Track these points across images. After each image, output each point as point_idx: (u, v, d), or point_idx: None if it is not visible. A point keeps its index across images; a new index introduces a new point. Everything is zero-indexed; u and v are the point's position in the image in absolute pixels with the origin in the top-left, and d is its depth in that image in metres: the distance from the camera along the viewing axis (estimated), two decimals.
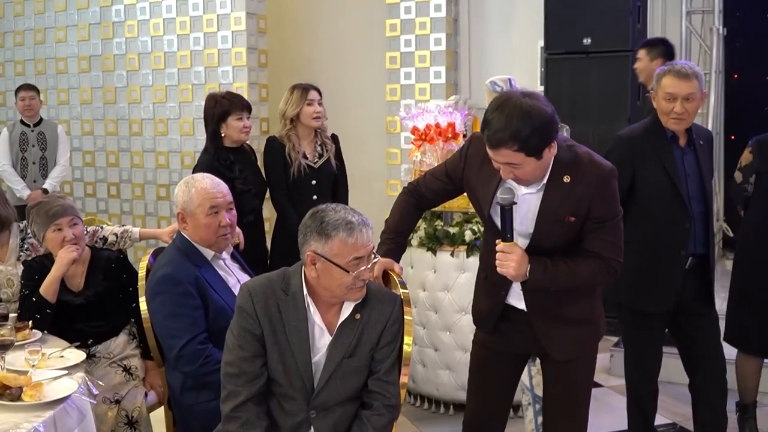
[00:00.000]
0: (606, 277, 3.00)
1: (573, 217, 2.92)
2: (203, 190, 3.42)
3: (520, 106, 2.72)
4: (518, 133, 2.70)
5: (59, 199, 3.95)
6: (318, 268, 2.76)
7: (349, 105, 7.91)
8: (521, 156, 2.75)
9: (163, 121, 8.11)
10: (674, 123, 3.74)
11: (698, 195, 3.83)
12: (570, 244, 2.97)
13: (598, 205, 2.92)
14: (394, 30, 7.69)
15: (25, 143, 7.24)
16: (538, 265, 2.90)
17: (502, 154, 2.77)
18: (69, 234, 3.78)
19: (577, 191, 2.90)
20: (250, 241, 4.52)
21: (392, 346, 2.90)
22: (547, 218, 2.93)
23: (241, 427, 2.77)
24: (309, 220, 2.80)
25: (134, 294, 3.88)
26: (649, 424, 4.12)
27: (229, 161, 4.73)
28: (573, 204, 2.90)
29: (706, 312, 3.93)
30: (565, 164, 2.91)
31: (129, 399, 3.66)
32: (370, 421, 2.85)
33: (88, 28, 8.45)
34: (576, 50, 6.51)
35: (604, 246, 2.95)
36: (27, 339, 3.37)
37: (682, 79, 3.69)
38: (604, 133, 6.21)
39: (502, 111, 2.73)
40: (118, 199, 8.54)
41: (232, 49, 7.67)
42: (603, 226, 2.94)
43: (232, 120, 4.74)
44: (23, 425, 2.57)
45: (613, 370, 5.63)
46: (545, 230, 2.95)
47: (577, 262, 2.94)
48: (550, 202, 2.92)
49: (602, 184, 2.92)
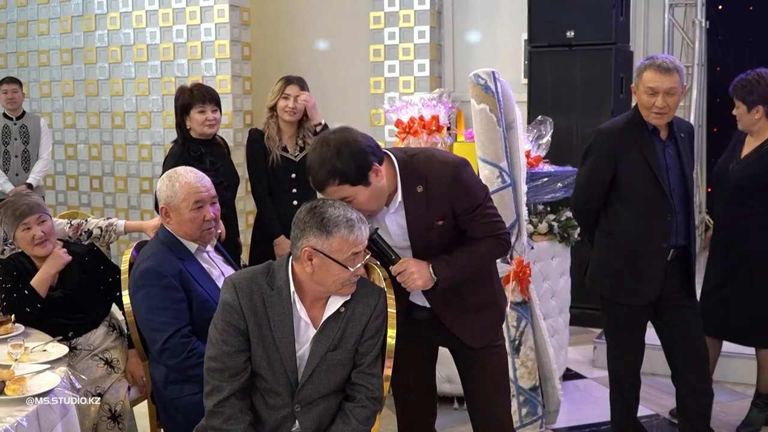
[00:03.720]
0: (502, 249, 3.12)
1: (441, 220, 3.00)
2: (187, 184, 3.40)
3: (328, 145, 2.82)
4: (333, 169, 2.80)
5: (25, 197, 3.93)
6: (314, 264, 2.75)
7: (333, 98, 7.90)
8: (348, 188, 2.83)
9: (146, 114, 8.08)
10: (655, 117, 3.76)
11: (680, 187, 3.84)
12: (453, 242, 3.05)
13: (460, 201, 2.99)
14: (378, 23, 7.69)
15: (8, 136, 7.21)
16: (440, 263, 2.98)
17: (329, 192, 2.85)
18: (38, 232, 3.76)
19: (434, 196, 2.97)
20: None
21: (376, 339, 2.91)
22: (418, 230, 3.01)
23: (224, 422, 2.77)
24: (307, 216, 2.76)
25: (113, 285, 3.90)
26: (632, 415, 4.14)
27: (200, 153, 4.69)
28: (436, 209, 2.98)
29: (687, 303, 3.95)
30: (412, 175, 2.98)
31: (112, 393, 3.65)
32: (353, 413, 2.86)
33: (70, 21, 8.41)
34: (559, 43, 6.51)
35: (486, 228, 3.05)
36: (9, 333, 3.36)
37: (663, 73, 3.70)
38: (587, 125, 6.22)
39: (315, 153, 2.84)
40: (100, 192, 8.51)
41: (215, 41, 7.65)
42: (475, 214, 3.02)
43: (194, 113, 4.69)
44: (6, 419, 2.56)
45: (596, 361, 5.66)
46: (421, 241, 3.02)
47: (472, 246, 3.04)
48: (413, 214, 3.00)
49: (454, 181, 2.98)
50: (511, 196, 4.35)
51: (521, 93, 6.68)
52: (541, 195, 4.87)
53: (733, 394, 5.12)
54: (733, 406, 4.91)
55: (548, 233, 4.92)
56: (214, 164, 4.71)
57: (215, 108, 4.75)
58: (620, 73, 6.44)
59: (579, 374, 5.59)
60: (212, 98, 4.76)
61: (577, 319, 6.07)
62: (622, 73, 6.48)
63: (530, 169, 4.76)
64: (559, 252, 5.04)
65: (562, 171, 5.00)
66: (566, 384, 5.27)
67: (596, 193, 3.91)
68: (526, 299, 4.50)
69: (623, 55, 6.55)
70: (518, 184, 4.41)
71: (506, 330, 4.47)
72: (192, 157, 4.64)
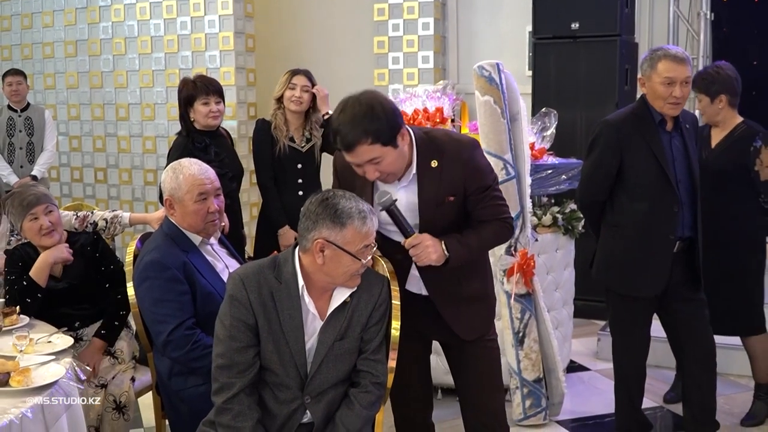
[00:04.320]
0: (507, 232, 3.16)
1: (452, 196, 3.02)
2: (191, 176, 3.40)
3: (360, 103, 2.82)
4: (367, 126, 2.80)
5: (32, 187, 3.94)
6: (326, 256, 2.74)
7: (337, 90, 7.77)
8: (378, 148, 2.84)
9: (150, 106, 8.08)
10: (671, 108, 3.75)
11: (686, 179, 3.84)
12: (458, 222, 3.08)
13: (472, 179, 3.03)
14: (381, 14, 7.68)
15: (12, 128, 7.21)
16: (452, 240, 3.00)
17: (359, 152, 2.85)
18: (45, 222, 3.76)
19: (448, 172, 3.00)
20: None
21: (379, 326, 2.93)
22: (429, 205, 3.03)
23: (233, 419, 2.76)
24: (319, 208, 2.75)
25: (109, 274, 3.92)
26: (637, 407, 4.14)
27: (204, 144, 4.71)
28: (448, 185, 3.01)
29: (693, 295, 3.95)
30: (428, 150, 3.00)
31: (116, 383, 3.66)
32: (358, 398, 2.87)
33: (74, 13, 8.39)
34: (564, 35, 6.50)
35: (494, 211, 3.08)
36: (14, 324, 3.37)
37: (679, 63, 3.71)
38: (592, 117, 6.23)
39: (346, 114, 2.83)
40: (105, 184, 8.51)
41: (219, 33, 7.64)
42: (484, 195, 3.06)
43: (197, 105, 4.70)
44: (11, 411, 2.57)
45: (600, 353, 5.66)
46: (430, 216, 3.04)
47: (480, 227, 3.07)
48: (426, 189, 3.02)
49: (469, 159, 3.03)
50: (515, 188, 4.35)
51: (525, 85, 6.66)
52: (545, 187, 4.86)
53: (737, 387, 5.11)
54: (737, 399, 4.90)
55: (552, 225, 4.92)
56: (218, 155, 4.72)
57: (219, 99, 4.77)
58: (625, 65, 6.43)
59: (583, 366, 5.59)
60: (216, 90, 4.78)
61: (581, 311, 6.07)
62: (627, 65, 6.46)
63: (534, 161, 4.76)
64: (563, 244, 5.03)
65: (567, 163, 4.99)
66: (570, 376, 5.27)
67: (602, 185, 3.91)
68: (530, 291, 4.50)
69: (628, 46, 6.54)
70: (522, 176, 4.41)
71: (510, 322, 4.48)
72: (196, 148, 4.65)
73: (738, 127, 4.40)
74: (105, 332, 3.81)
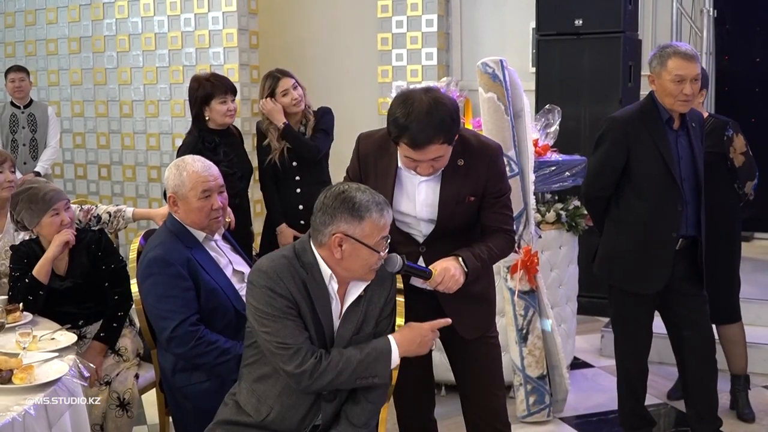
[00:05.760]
0: (511, 247, 3.22)
1: (473, 197, 3.07)
2: (195, 173, 3.40)
3: (434, 103, 2.83)
4: (442, 125, 2.82)
5: (46, 183, 3.93)
6: (344, 250, 2.73)
7: (341, 86, 7.89)
8: (445, 147, 2.89)
9: (154, 103, 8.08)
10: (681, 105, 3.75)
11: (691, 177, 3.84)
12: (471, 223, 3.13)
13: (493, 181, 3.08)
14: (385, 11, 7.68)
15: (15, 125, 7.22)
16: (468, 258, 3.02)
17: (429, 151, 2.87)
18: (66, 217, 3.77)
19: (473, 172, 3.04)
20: (236, 224, 4.51)
21: (389, 319, 2.96)
22: (450, 202, 3.05)
23: (318, 361, 2.71)
24: (336, 202, 2.71)
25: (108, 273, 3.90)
26: (640, 404, 4.15)
27: (214, 143, 4.69)
28: (471, 185, 3.05)
29: (695, 292, 3.95)
30: (456, 148, 3.01)
31: (120, 381, 3.66)
32: (363, 393, 2.87)
33: (78, 9, 8.39)
34: (568, 31, 6.49)
35: (502, 219, 3.14)
36: (18, 321, 3.37)
37: (689, 60, 3.72)
38: (595, 114, 6.23)
39: (418, 112, 2.82)
40: (108, 181, 8.52)
41: (223, 30, 7.63)
42: (499, 200, 3.11)
43: (215, 103, 4.67)
44: (14, 408, 2.57)
45: (603, 350, 5.65)
46: (448, 213, 3.07)
47: (489, 240, 3.11)
48: (448, 186, 3.05)
49: (494, 162, 3.09)
50: (519, 185, 4.35)
51: (529, 81, 6.66)
52: (548, 184, 4.86)
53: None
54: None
55: (556, 222, 4.91)
56: (227, 155, 4.71)
57: (233, 98, 4.76)
58: (628, 62, 6.42)
59: (586, 363, 5.59)
60: (231, 88, 4.77)
61: (585, 308, 6.07)
62: (631, 62, 6.46)
63: (538, 158, 4.76)
64: (566, 241, 5.03)
65: (570, 160, 4.99)
66: (574, 373, 5.27)
67: (607, 180, 3.91)
68: (533, 288, 4.50)
69: (632, 43, 6.53)
70: (526, 172, 4.41)
71: (513, 319, 4.48)
72: (206, 148, 4.63)
73: (707, 120, 4.39)
74: (104, 335, 3.80)
